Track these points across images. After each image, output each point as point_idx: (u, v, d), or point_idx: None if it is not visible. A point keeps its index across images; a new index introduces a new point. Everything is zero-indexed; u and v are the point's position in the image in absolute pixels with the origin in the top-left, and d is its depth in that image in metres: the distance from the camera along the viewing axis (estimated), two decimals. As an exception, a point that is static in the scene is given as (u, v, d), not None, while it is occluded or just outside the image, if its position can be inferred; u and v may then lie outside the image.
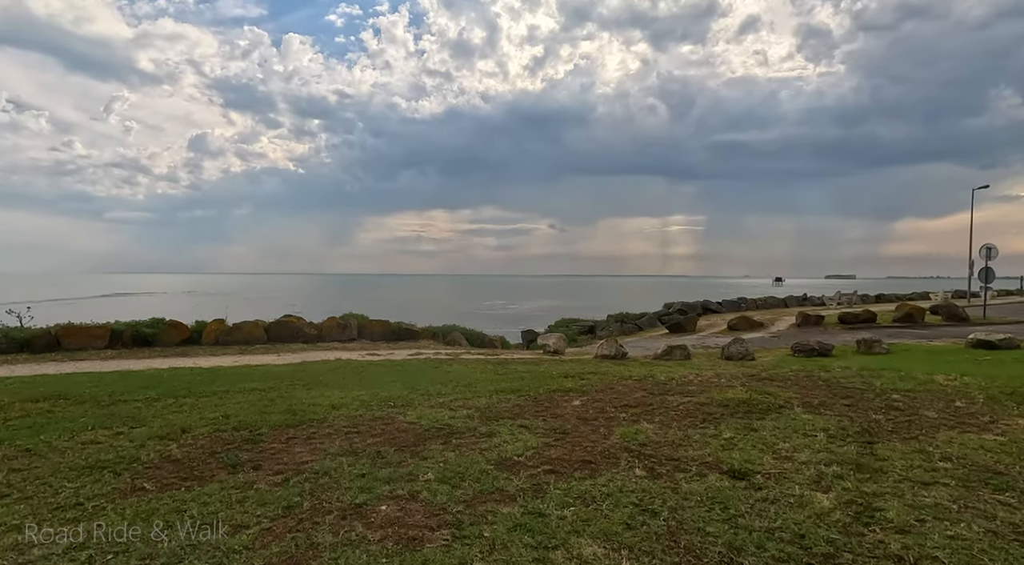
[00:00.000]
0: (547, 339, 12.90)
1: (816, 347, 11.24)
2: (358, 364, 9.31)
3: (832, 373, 8.03)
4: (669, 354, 11.35)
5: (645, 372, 8.61)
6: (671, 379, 7.83)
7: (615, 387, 7.08)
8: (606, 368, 9.32)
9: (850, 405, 5.56)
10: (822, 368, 8.99)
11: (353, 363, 9.44)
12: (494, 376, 8.12)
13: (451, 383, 7.36)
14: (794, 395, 6.11)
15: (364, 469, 3.68)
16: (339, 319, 12.66)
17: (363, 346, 12.12)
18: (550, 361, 10.60)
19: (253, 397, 6.23)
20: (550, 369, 9.06)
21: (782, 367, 9.21)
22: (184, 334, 11.16)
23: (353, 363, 9.44)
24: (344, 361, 9.69)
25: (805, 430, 4.57)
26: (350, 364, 9.28)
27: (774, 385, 6.96)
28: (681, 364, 10.22)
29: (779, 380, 7.48)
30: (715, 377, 7.96)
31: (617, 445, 4.27)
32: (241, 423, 4.95)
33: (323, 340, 12.27)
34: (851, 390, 6.47)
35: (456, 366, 9.30)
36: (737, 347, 11.34)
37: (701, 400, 5.89)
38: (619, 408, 5.64)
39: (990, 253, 17.31)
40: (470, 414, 5.37)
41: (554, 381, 7.53)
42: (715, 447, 4.14)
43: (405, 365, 9.29)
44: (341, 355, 10.66)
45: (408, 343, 12.95)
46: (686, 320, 17.09)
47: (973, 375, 7.47)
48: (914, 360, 9.76)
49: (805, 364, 9.60)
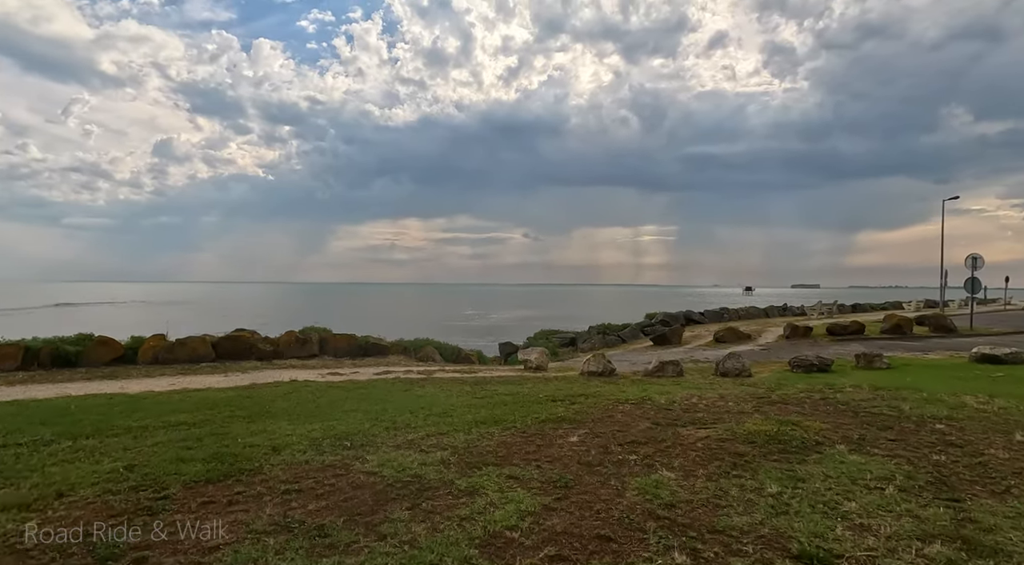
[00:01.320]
0: (528, 354, 11.91)
1: (815, 362, 10.54)
2: (316, 386, 8.14)
3: (846, 394, 7.27)
4: (661, 370, 10.48)
5: (640, 393, 7.71)
6: (672, 403, 6.95)
7: (613, 415, 6.13)
8: (596, 388, 8.39)
9: (896, 440, 4.72)
10: (829, 386, 8.25)
11: (310, 385, 8.27)
12: (473, 400, 7.09)
13: (422, 411, 6.30)
14: (824, 426, 5.26)
15: (298, 561, 2.61)
16: (299, 333, 11.43)
17: (325, 364, 10.92)
18: (533, 379, 9.62)
19: (177, 435, 5.05)
20: (535, 390, 8.08)
21: (787, 386, 8.42)
22: (116, 352, 9.78)
23: (310, 385, 8.27)
24: (300, 383, 8.50)
25: (865, 480, 3.67)
26: (307, 387, 8.11)
27: (793, 412, 6.12)
28: (676, 382, 9.36)
29: (794, 404, 6.66)
30: (720, 400, 7.10)
31: (637, 507, 3.29)
32: (146, 477, 3.80)
33: (280, 357, 11.02)
34: (883, 418, 5.66)
35: (429, 388, 8.23)
36: (733, 362, 10.55)
37: (721, 434, 4.97)
38: (625, 446, 4.68)
39: (976, 263, 17.14)
40: (445, 457, 4.34)
41: (542, 407, 6.55)
42: (764, 510, 3.20)
43: (370, 387, 8.17)
44: (299, 375, 9.45)
45: (376, 359, 11.80)
46: (671, 332, 16.36)
47: (1004, 396, 6.80)
48: (922, 377, 9.12)
49: (810, 382, 8.84)
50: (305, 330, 11.73)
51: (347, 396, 7.33)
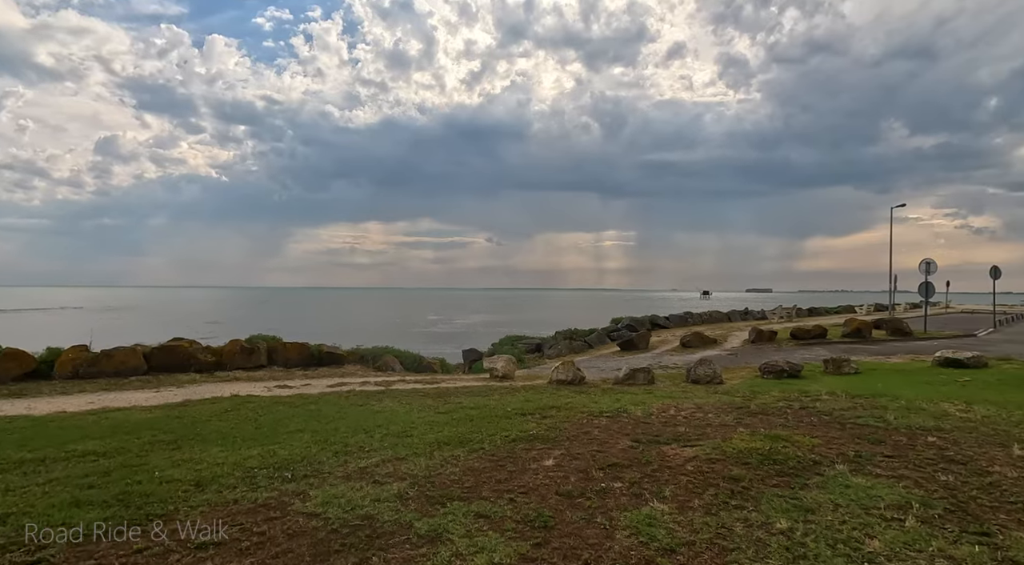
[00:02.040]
0: (494, 362, 11.34)
1: (786, 368, 10.39)
2: (260, 402, 7.34)
3: (826, 403, 7.01)
4: (632, 378, 10.10)
5: (614, 404, 7.27)
6: (649, 415, 6.53)
7: (588, 430, 5.64)
8: (567, 398, 7.91)
9: (894, 457, 4.38)
10: (804, 393, 8.04)
11: (254, 401, 7.45)
12: (435, 416, 6.47)
13: (379, 430, 5.65)
14: (815, 441, 4.90)
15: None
16: (244, 342, 10.48)
17: (273, 375, 10.04)
18: (500, 389, 9.05)
19: (79, 469, 4.25)
20: (503, 402, 7.52)
21: (763, 394, 8.15)
22: (27, 366, 8.64)
23: (254, 401, 7.45)
24: (243, 399, 7.66)
25: (879, 509, 3.27)
26: (249, 403, 7.29)
27: (777, 424, 5.77)
28: (648, 391, 8.98)
29: (775, 415, 6.34)
30: (699, 411, 6.72)
31: (632, 554, 2.77)
32: (19, 533, 3.03)
33: (223, 368, 10.07)
34: (872, 430, 5.36)
35: (387, 402, 7.55)
36: (704, 369, 10.28)
37: (709, 453, 4.53)
38: (608, 471, 4.17)
39: (929, 267, 17.65)
40: (403, 490, 3.73)
41: (511, 423, 6.00)
42: (779, 554, 2.73)
43: (321, 402, 7.43)
44: (242, 389, 8.58)
45: (331, 370, 10.98)
46: (638, 337, 16.10)
47: (980, 403, 6.67)
48: (892, 382, 9.04)
49: (784, 389, 8.62)
50: (252, 339, 10.78)
51: (294, 414, 6.58)
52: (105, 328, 45.03)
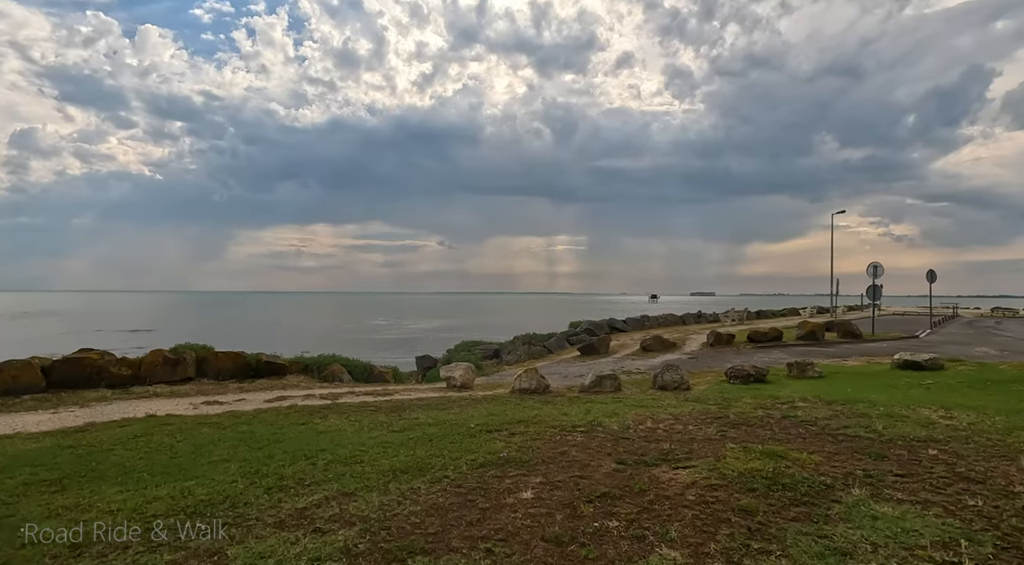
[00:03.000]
0: (452, 371, 10.58)
1: (752, 372, 10.17)
2: (180, 424, 6.30)
3: (805, 411, 6.70)
4: (599, 385, 9.60)
5: (585, 416, 6.72)
6: (626, 428, 6.00)
7: (564, 450, 5.02)
8: (534, 410, 7.30)
9: (905, 476, 3.98)
10: (777, 399, 7.78)
11: (173, 422, 6.39)
12: (389, 436, 5.69)
13: (323, 456, 4.83)
14: (815, 457, 4.46)
15: None
16: (168, 353, 9.23)
17: (202, 390, 8.88)
18: (460, 401, 8.32)
19: (-86, 528, 3.23)
20: (464, 416, 6.82)
21: (736, 401, 7.80)
22: None
23: (173, 422, 6.39)
24: (160, 420, 6.58)
25: (924, 549, 2.79)
26: (167, 425, 6.24)
27: (766, 437, 5.34)
28: (617, 399, 8.48)
29: (758, 426, 5.93)
30: (677, 423, 6.25)
31: (654, 631, 2.14)
32: None
33: (142, 383, 8.82)
34: (867, 443, 5.00)
35: (333, 419, 6.67)
36: (672, 375, 9.91)
37: (707, 476, 3.99)
38: (597, 504, 3.55)
39: (876, 271, 18.23)
40: (351, 542, 2.98)
41: (477, 443, 5.30)
42: (835, 620, 2.17)
43: (256, 422, 6.47)
44: (161, 407, 7.44)
45: (270, 382, 9.89)
46: (599, 341, 15.72)
47: (957, 408, 6.52)
48: (859, 386, 8.93)
49: (755, 396, 8.32)
50: (178, 348, 9.53)
51: (221, 437, 5.62)
52: (11, 337, 40.93)
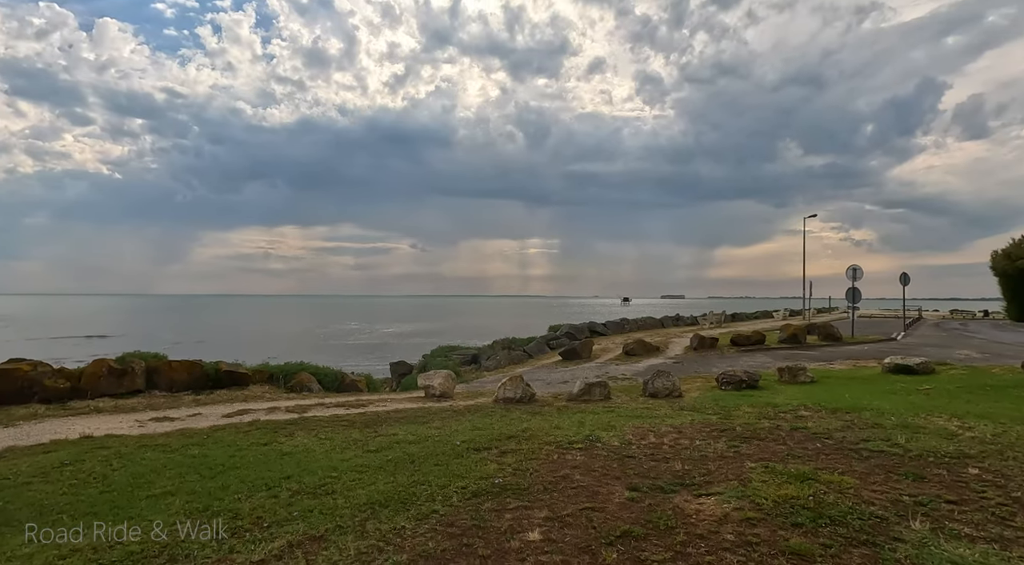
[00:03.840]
0: (430, 379, 9.89)
1: (744, 378, 9.79)
2: (121, 447, 5.47)
3: (816, 422, 6.28)
4: (587, 394, 9.07)
5: (579, 429, 6.20)
6: (628, 444, 5.48)
7: (566, 472, 4.45)
8: (522, 422, 6.73)
9: (960, 503, 3.52)
10: (775, 407, 7.44)
11: (111, 445, 5.55)
12: (364, 457, 5.03)
13: (287, 485, 4.14)
14: (850, 480, 3.99)
15: None
16: (114, 362, 8.27)
17: (153, 403, 7.98)
18: (441, 412, 7.67)
19: None
20: (448, 431, 6.19)
21: (734, 410, 7.39)
22: None
23: (111, 445, 5.55)
24: (96, 442, 5.73)
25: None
26: (104, 448, 5.40)
27: (782, 454, 4.88)
28: (609, 409, 7.97)
29: (769, 439, 5.47)
30: (681, 437, 5.76)
31: None
32: None
33: (82, 396, 7.87)
34: (896, 459, 4.57)
35: (300, 437, 5.94)
36: (663, 382, 9.45)
37: (738, 506, 3.46)
38: (620, 547, 2.98)
39: (856, 274, 18.28)
40: (321, 614, 2.32)
41: (465, 465, 4.69)
42: None
43: (210, 442, 5.69)
44: (101, 425, 6.56)
45: (231, 393, 9.03)
46: (581, 346, 15.23)
47: (971, 417, 6.21)
48: (856, 392, 8.62)
49: (753, 403, 7.92)
50: (125, 357, 8.57)
51: (167, 463, 4.84)
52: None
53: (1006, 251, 35.47)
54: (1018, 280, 34.09)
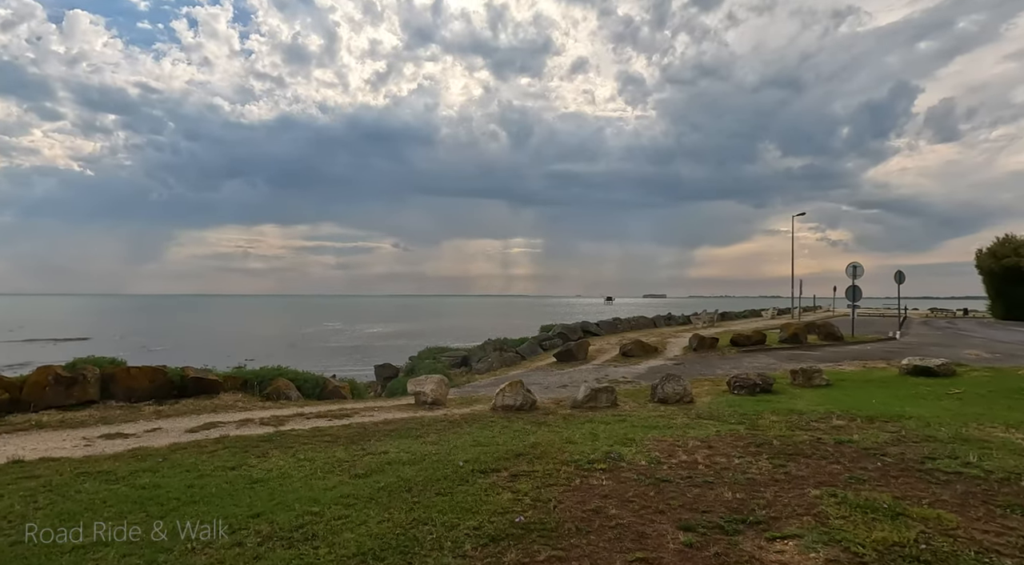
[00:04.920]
0: (421, 384, 9.06)
1: (759, 382, 9.17)
2: (54, 475, 4.55)
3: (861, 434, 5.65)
4: (594, 400, 8.34)
5: (594, 443, 5.52)
6: (656, 462, 4.78)
7: (597, 504, 3.71)
8: (528, 434, 6.02)
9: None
10: (799, 414, 6.88)
11: (43, 473, 4.62)
12: (352, 485, 4.22)
13: (256, 526, 3.32)
14: (949, 516, 3.30)
15: None
16: (62, 369, 7.26)
17: (106, 416, 7.01)
18: (435, 424, 6.87)
19: None
20: (445, 447, 5.42)
21: (758, 419, 6.74)
22: None
23: (43, 473, 4.62)
24: (26, 468, 4.78)
25: None
26: (32, 478, 4.47)
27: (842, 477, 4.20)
28: (620, 417, 7.27)
29: (816, 456, 4.81)
30: (714, 454, 5.07)
31: None
32: None
33: (23, 409, 6.86)
34: (980, 484, 3.92)
35: (275, 458, 5.09)
36: (673, 386, 8.76)
37: (835, 560, 2.74)
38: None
39: (856, 271, 17.89)
40: None
41: (473, 493, 3.93)
42: None
43: (166, 468, 4.80)
44: (39, 445, 5.61)
45: (198, 403, 8.08)
46: (577, 346, 14.53)
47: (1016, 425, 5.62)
48: (880, 396, 8.04)
49: (775, 410, 7.30)
50: (76, 364, 7.56)
51: (108, 498, 3.95)
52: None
53: (991, 250, 35.77)
54: (1003, 278, 34.38)
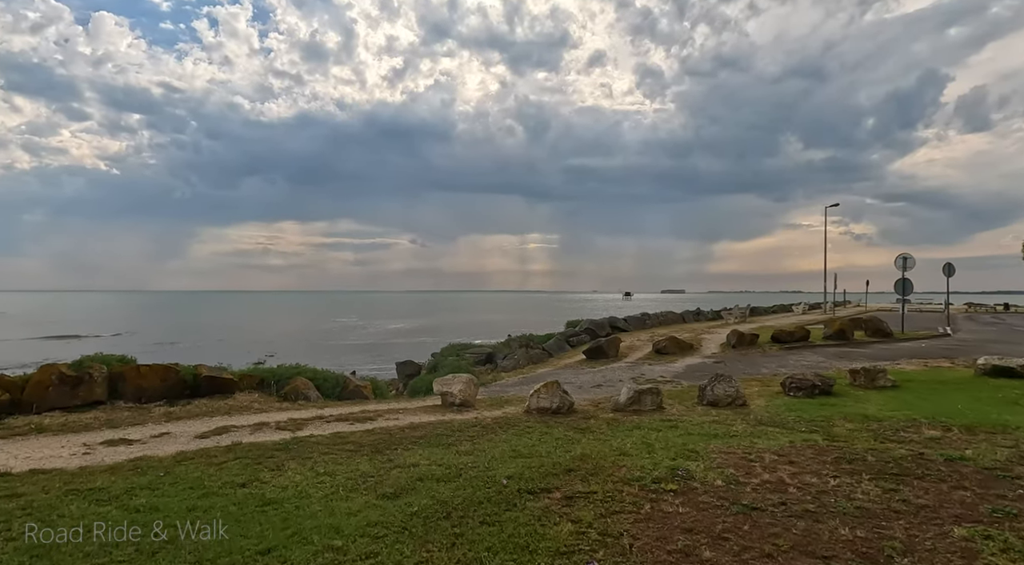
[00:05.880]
0: (448, 384, 8.40)
1: (818, 383, 8.32)
2: (39, 493, 3.96)
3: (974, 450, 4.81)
4: (637, 402, 7.60)
5: (650, 454, 4.87)
6: (734, 482, 4.07)
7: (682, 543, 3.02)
8: (572, 443, 5.33)
9: None
10: (875, 420, 6.07)
11: (25, 491, 4.03)
12: (379, 509, 3.57)
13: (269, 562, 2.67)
14: None
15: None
16: (66, 368, 6.74)
17: (112, 418, 6.48)
18: (466, 429, 6.21)
19: None
20: (483, 459, 4.76)
21: (830, 426, 5.96)
22: None
23: (25, 491, 4.03)
24: (9, 484, 4.22)
25: None
26: (13, 498, 3.88)
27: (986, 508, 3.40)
28: (670, 423, 6.53)
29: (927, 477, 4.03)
30: (798, 469, 4.34)
31: None
32: None
33: (26, 410, 6.38)
34: None
35: (292, 472, 4.46)
36: (724, 388, 7.98)
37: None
38: None
39: (906, 263, 16.74)
40: None
41: (525, 521, 3.27)
42: None
43: (166, 484, 4.19)
44: (34, 453, 5.06)
45: (212, 403, 7.54)
46: (608, 343, 13.75)
47: None
48: (962, 400, 7.16)
49: (846, 415, 6.51)
50: (82, 362, 7.05)
51: (94, 522, 3.35)
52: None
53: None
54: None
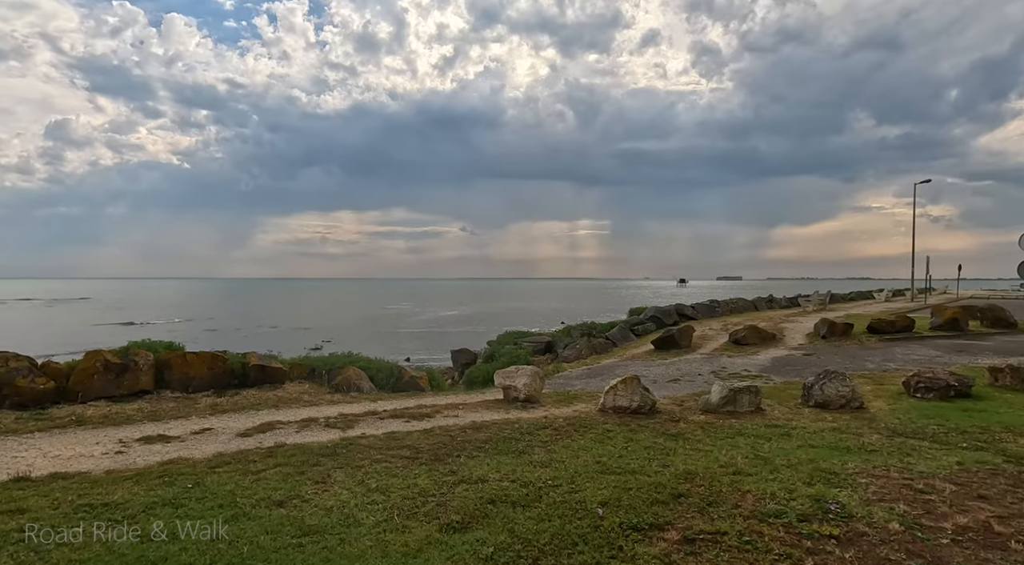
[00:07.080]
0: (512, 378, 7.57)
1: (953, 383, 6.96)
2: (47, 508, 3.39)
3: None
4: (732, 403, 6.53)
5: (776, 474, 3.86)
6: (917, 527, 3.05)
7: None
8: (668, 455, 4.39)
9: None
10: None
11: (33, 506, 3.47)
12: (446, 549, 2.76)
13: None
14: None
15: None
16: (112, 355, 6.37)
17: (157, 410, 6.05)
18: (536, 431, 5.35)
19: None
20: (563, 473, 3.90)
21: (999, 440, 4.70)
22: None
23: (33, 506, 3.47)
24: (19, 493, 3.69)
25: None
26: (16, 515, 3.33)
27: None
28: (779, 430, 5.45)
29: None
30: (992, 505, 3.23)
31: None
32: None
33: (69, 400, 6.02)
34: None
35: (339, 488, 3.72)
36: (836, 387, 6.77)
37: None
38: None
39: (1034, 244, 14.55)
40: None
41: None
42: None
43: (194, 501, 3.54)
44: (64, 450, 4.59)
45: (260, 394, 7.05)
46: (680, 332, 12.55)
47: None
48: None
49: (1009, 425, 5.19)
50: (128, 349, 6.68)
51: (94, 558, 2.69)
52: (49, 325, 39.72)
53: None
54: None
